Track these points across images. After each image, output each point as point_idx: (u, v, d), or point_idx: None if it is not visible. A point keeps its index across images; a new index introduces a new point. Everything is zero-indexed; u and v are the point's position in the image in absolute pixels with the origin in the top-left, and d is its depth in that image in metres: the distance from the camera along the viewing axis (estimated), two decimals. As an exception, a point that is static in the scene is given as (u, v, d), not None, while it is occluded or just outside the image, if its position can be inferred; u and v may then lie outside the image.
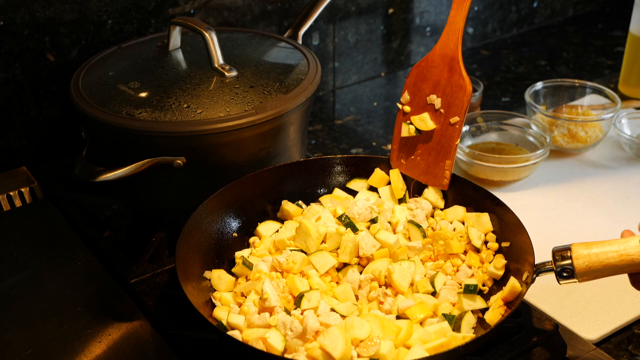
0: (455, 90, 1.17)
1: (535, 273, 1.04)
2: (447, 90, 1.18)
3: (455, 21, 1.19)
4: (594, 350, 1.13)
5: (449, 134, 1.18)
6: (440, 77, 1.19)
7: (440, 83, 1.19)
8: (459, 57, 1.17)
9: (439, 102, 1.18)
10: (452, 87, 1.17)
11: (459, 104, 1.17)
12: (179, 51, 1.40)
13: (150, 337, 1.11)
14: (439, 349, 1.00)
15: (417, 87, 1.21)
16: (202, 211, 1.17)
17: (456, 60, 1.17)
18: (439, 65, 1.19)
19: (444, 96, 1.18)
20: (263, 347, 1.00)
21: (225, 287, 1.14)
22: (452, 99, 1.18)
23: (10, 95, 1.48)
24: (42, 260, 1.27)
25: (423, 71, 1.21)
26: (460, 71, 1.17)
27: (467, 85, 1.17)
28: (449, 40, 1.19)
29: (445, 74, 1.18)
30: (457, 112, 1.17)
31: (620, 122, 1.64)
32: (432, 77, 1.19)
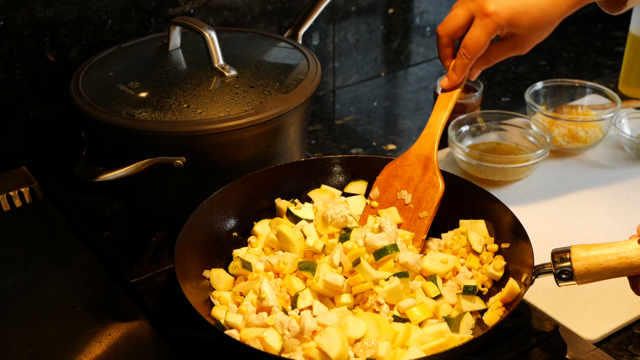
0: (427, 187, 1.19)
1: (534, 274, 1.04)
2: (420, 187, 1.19)
3: (433, 126, 1.24)
4: (594, 351, 1.13)
5: (417, 228, 1.19)
6: (413, 174, 1.21)
7: (412, 180, 1.20)
8: (434, 157, 1.20)
9: (409, 198, 1.19)
10: (425, 184, 1.19)
11: (430, 200, 1.18)
12: (179, 51, 1.40)
13: (150, 337, 1.11)
14: (437, 349, 1.00)
15: (389, 184, 1.23)
16: (202, 211, 1.17)
17: (431, 160, 1.20)
18: (413, 164, 1.21)
19: (415, 192, 1.20)
20: (260, 346, 1.00)
21: (224, 286, 1.14)
22: (424, 195, 1.19)
23: (10, 95, 1.48)
24: (42, 260, 1.27)
25: (396, 169, 1.23)
26: (435, 169, 1.19)
27: (440, 183, 1.18)
28: (426, 143, 1.23)
29: (419, 171, 1.20)
30: (427, 207, 1.18)
31: (620, 122, 1.64)
32: (404, 175, 1.21)
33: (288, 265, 1.12)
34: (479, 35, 1.21)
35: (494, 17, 1.18)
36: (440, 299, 1.10)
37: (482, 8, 1.19)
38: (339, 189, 1.30)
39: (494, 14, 1.18)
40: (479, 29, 1.21)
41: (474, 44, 1.22)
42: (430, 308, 1.07)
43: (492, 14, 1.18)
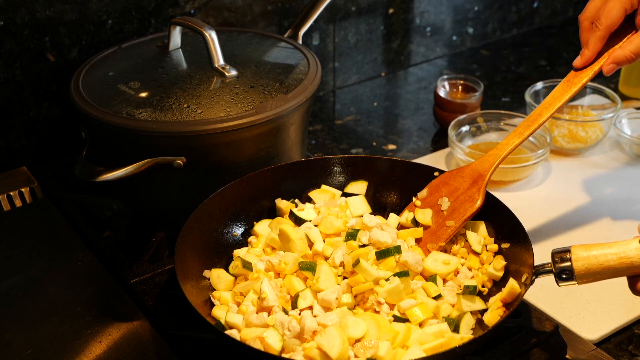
0: (466, 200, 1.18)
1: (534, 274, 1.04)
2: (460, 199, 1.19)
3: (503, 148, 1.21)
4: (594, 351, 1.13)
5: (439, 235, 1.19)
6: (460, 186, 1.20)
7: (457, 190, 1.20)
8: (487, 176, 1.19)
9: (447, 205, 1.19)
10: (465, 196, 1.19)
11: (463, 212, 1.18)
12: (179, 51, 1.40)
13: (150, 337, 1.11)
14: (437, 349, 1.00)
15: (438, 189, 1.23)
16: (202, 210, 1.17)
17: (483, 178, 1.19)
18: (465, 177, 1.21)
19: (454, 202, 1.19)
20: (261, 346, 1.00)
21: (224, 286, 1.14)
22: (459, 206, 1.19)
23: (10, 95, 1.48)
24: (42, 260, 1.27)
25: (450, 178, 1.22)
26: (481, 187, 1.18)
27: (479, 200, 1.17)
28: (487, 162, 1.21)
29: (466, 184, 1.20)
30: (456, 217, 1.18)
31: (620, 122, 1.64)
32: (454, 184, 1.21)
33: (289, 265, 1.12)
34: (612, 6, 1.18)
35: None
36: (440, 299, 1.10)
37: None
38: (339, 189, 1.30)
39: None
40: (613, 2, 1.18)
41: (606, 14, 1.18)
42: (430, 308, 1.07)
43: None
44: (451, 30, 2.11)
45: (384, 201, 1.30)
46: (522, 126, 1.22)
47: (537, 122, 1.21)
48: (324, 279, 1.09)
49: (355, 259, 1.09)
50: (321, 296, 1.06)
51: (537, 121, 1.21)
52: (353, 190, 1.29)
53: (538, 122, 1.21)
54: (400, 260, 1.11)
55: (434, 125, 1.78)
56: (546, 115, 1.21)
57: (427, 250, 1.18)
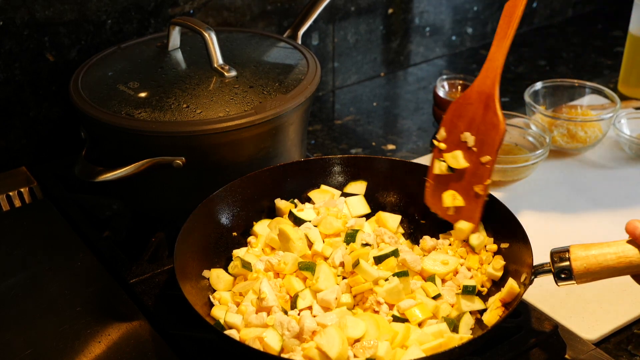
0: (488, 128, 1.14)
1: (533, 274, 1.04)
2: (481, 129, 1.15)
3: (494, 58, 1.17)
4: (593, 350, 1.13)
5: (480, 174, 1.15)
6: (475, 115, 1.16)
7: (475, 120, 1.16)
8: (495, 94, 1.15)
9: (472, 140, 1.15)
10: (486, 125, 1.15)
11: (491, 142, 1.14)
12: (178, 51, 1.40)
13: (149, 337, 1.11)
14: (437, 349, 1.00)
15: (453, 124, 1.18)
16: (202, 211, 1.17)
17: (492, 98, 1.15)
18: (475, 102, 1.16)
19: (477, 134, 1.15)
20: (260, 346, 1.00)
21: (224, 286, 1.14)
22: (485, 137, 1.15)
23: (10, 95, 1.48)
24: (42, 260, 1.27)
25: (460, 108, 1.18)
26: (495, 109, 1.14)
27: (500, 123, 1.13)
28: (487, 78, 1.16)
29: (480, 111, 1.15)
30: (489, 151, 1.14)
31: (619, 122, 1.64)
32: (467, 114, 1.16)
33: (289, 265, 1.12)
34: None
35: None
36: (439, 298, 1.10)
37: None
38: (339, 189, 1.30)
39: None
40: None
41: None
42: (429, 308, 1.07)
43: None
44: (450, 31, 2.11)
45: (383, 201, 1.30)
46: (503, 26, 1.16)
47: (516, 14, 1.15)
48: (323, 279, 1.09)
49: (355, 260, 1.09)
50: (320, 296, 1.07)
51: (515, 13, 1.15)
52: (352, 190, 1.30)
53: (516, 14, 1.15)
54: (399, 259, 1.11)
55: (434, 125, 1.78)
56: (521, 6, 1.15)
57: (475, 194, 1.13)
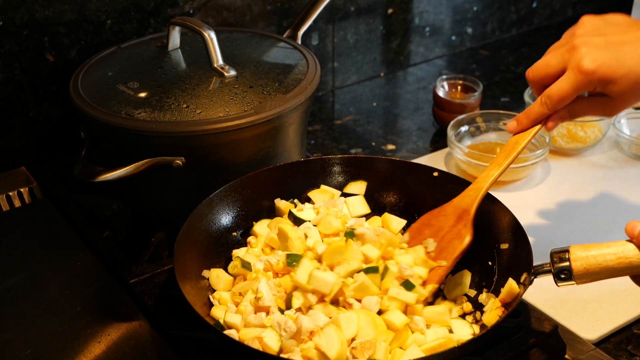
0: (453, 237, 1.13)
1: (533, 275, 1.04)
2: (446, 237, 1.13)
3: (482, 180, 1.15)
4: (593, 351, 1.13)
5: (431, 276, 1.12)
6: (444, 225, 1.15)
7: (442, 229, 1.14)
8: (472, 212, 1.13)
9: (433, 247, 1.13)
10: (452, 234, 1.13)
11: (451, 250, 1.12)
12: (178, 51, 1.40)
13: (149, 337, 1.11)
14: (436, 349, 1.00)
15: (420, 231, 1.17)
16: (202, 211, 1.17)
17: (468, 213, 1.13)
18: (448, 215, 1.15)
19: (440, 242, 1.13)
20: (259, 346, 1.00)
21: (223, 286, 1.14)
22: (447, 245, 1.13)
23: (9, 95, 1.48)
24: (42, 260, 1.27)
25: (432, 218, 1.17)
26: (467, 222, 1.12)
27: (466, 236, 1.12)
28: (468, 197, 1.15)
29: (451, 222, 1.14)
30: (446, 257, 1.11)
31: (619, 122, 1.64)
32: (437, 224, 1.15)
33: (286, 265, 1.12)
34: (567, 88, 1.10)
35: (589, 75, 1.07)
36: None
37: (578, 63, 1.07)
38: (339, 189, 1.30)
39: (589, 72, 1.07)
40: (569, 82, 1.09)
41: (559, 96, 1.11)
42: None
43: (588, 72, 1.07)
44: (450, 31, 2.11)
45: (383, 201, 1.30)
46: (501, 156, 1.16)
47: (515, 150, 1.15)
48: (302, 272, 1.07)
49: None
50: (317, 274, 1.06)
51: (515, 149, 1.16)
52: (352, 190, 1.30)
53: (516, 150, 1.15)
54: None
55: (433, 125, 1.78)
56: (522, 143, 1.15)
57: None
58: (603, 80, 1.08)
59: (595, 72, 1.07)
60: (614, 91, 1.09)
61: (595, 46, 1.08)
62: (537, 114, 1.15)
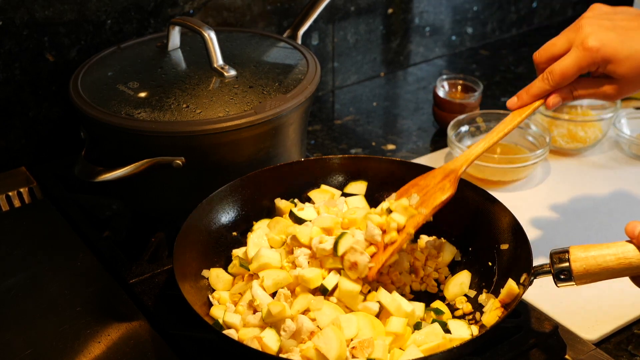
0: (436, 190, 1.13)
1: (532, 275, 1.04)
2: (430, 192, 1.14)
3: (475, 147, 1.16)
4: (593, 351, 1.13)
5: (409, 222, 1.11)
6: (430, 183, 1.15)
7: (427, 186, 1.15)
8: (459, 172, 1.14)
9: (416, 199, 1.12)
10: (435, 188, 1.13)
11: (432, 200, 1.12)
12: (178, 51, 1.40)
13: (149, 337, 1.11)
14: (435, 349, 1.00)
15: (406, 191, 1.16)
16: (202, 210, 1.17)
17: (455, 173, 1.14)
18: (437, 176, 1.15)
19: (423, 196, 1.13)
20: (258, 346, 1.00)
21: (223, 286, 1.14)
22: (428, 197, 1.13)
23: (9, 95, 1.48)
24: (42, 260, 1.27)
25: (421, 179, 1.17)
26: (452, 179, 1.13)
27: (449, 188, 1.12)
28: (459, 160, 1.16)
29: (437, 180, 1.15)
30: (426, 206, 1.11)
31: (619, 122, 1.64)
32: (424, 183, 1.15)
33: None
34: (570, 64, 1.11)
35: (592, 52, 1.08)
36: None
37: (582, 40, 1.09)
38: (339, 189, 1.30)
39: (593, 49, 1.08)
40: (572, 58, 1.10)
41: (561, 71, 1.11)
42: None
43: (592, 49, 1.08)
44: (450, 30, 2.11)
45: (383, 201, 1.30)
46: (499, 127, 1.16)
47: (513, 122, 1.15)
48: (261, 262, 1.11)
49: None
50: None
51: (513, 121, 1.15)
52: (352, 190, 1.30)
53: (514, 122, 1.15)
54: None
55: (433, 125, 1.78)
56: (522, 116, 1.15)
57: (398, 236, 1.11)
58: (606, 59, 1.08)
59: (599, 50, 1.08)
60: (617, 72, 1.09)
61: (601, 27, 1.09)
62: (538, 89, 1.15)
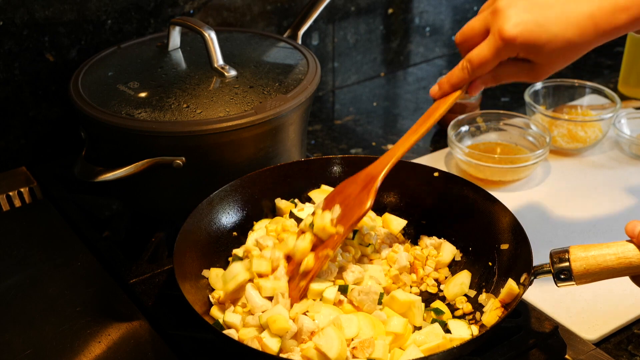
0: (356, 204, 1.11)
1: (532, 275, 1.04)
2: (350, 204, 1.12)
3: (396, 148, 1.14)
4: (593, 351, 1.13)
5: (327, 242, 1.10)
6: (353, 192, 1.13)
7: (349, 197, 1.13)
8: (379, 178, 1.11)
9: (337, 212, 1.11)
10: (355, 201, 1.12)
11: (350, 217, 1.10)
12: (178, 51, 1.40)
13: (149, 337, 1.11)
14: (435, 349, 1.00)
15: (332, 198, 1.15)
16: (202, 210, 1.17)
17: (374, 180, 1.11)
18: (358, 182, 1.13)
19: (344, 209, 1.12)
20: (259, 346, 1.00)
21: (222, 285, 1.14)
22: (348, 212, 1.11)
23: (9, 95, 1.48)
24: (42, 260, 1.27)
25: (345, 186, 1.15)
26: (370, 190, 1.10)
27: (367, 202, 1.09)
28: (380, 164, 1.13)
29: (358, 189, 1.13)
30: (344, 223, 1.10)
31: (619, 122, 1.64)
32: (347, 192, 1.14)
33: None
34: (487, 54, 1.05)
35: (509, 42, 1.02)
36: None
37: (499, 29, 1.02)
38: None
39: (510, 39, 1.02)
40: (489, 48, 1.05)
41: (479, 62, 1.07)
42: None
43: (508, 39, 1.02)
44: (450, 30, 2.11)
45: (384, 201, 1.30)
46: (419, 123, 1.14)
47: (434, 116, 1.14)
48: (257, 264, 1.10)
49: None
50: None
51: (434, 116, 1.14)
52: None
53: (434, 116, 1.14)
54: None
55: (434, 125, 1.78)
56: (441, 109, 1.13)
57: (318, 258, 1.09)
58: (525, 47, 1.03)
59: (516, 39, 1.02)
60: (537, 59, 1.05)
61: (518, 9, 1.02)
62: (458, 79, 1.11)
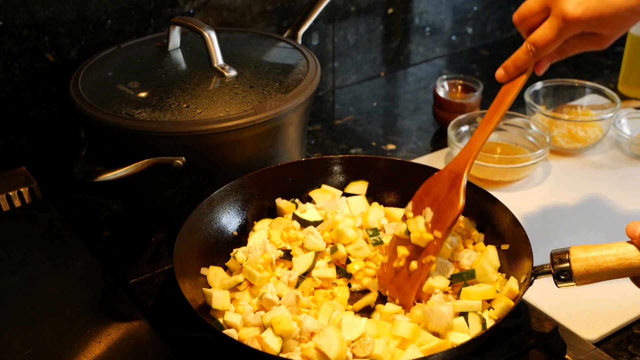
0: (447, 206, 1.12)
1: (533, 275, 1.04)
2: (441, 206, 1.13)
3: (474, 141, 1.15)
4: (593, 350, 1.13)
5: (428, 248, 1.12)
6: (440, 192, 1.14)
7: (438, 197, 1.14)
8: (464, 175, 1.12)
9: (430, 217, 1.13)
10: (446, 202, 1.12)
11: (445, 220, 1.11)
12: (178, 51, 1.40)
13: (149, 337, 1.11)
14: (435, 349, 1.00)
15: (420, 199, 1.16)
16: (202, 210, 1.17)
17: (460, 178, 1.12)
18: (444, 181, 1.14)
19: (437, 211, 1.13)
20: (259, 346, 1.00)
21: (219, 284, 1.14)
22: (443, 214, 1.12)
23: (9, 95, 1.48)
24: (42, 260, 1.27)
25: (430, 184, 1.16)
26: (459, 189, 1.11)
27: (459, 203, 1.10)
28: (462, 159, 1.14)
29: (446, 189, 1.13)
30: (441, 227, 1.11)
31: (619, 122, 1.64)
32: (434, 191, 1.15)
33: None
34: (551, 35, 1.05)
35: (574, 22, 1.02)
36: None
37: (562, 10, 1.02)
38: (339, 189, 1.30)
39: (574, 20, 1.02)
40: (553, 29, 1.04)
41: (543, 43, 1.06)
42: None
43: (572, 20, 1.02)
44: (450, 30, 2.11)
45: (384, 201, 1.30)
46: (491, 111, 1.15)
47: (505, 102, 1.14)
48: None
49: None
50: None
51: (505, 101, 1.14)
52: (353, 190, 1.30)
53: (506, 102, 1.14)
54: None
55: (434, 125, 1.78)
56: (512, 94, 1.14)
57: (422, 265, 1.11)
58: (590, 23, 1.03)
59: (580, 18, 1.02)
60: (604, 30, 1.05)
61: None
62: (523, 62, 1.11)
